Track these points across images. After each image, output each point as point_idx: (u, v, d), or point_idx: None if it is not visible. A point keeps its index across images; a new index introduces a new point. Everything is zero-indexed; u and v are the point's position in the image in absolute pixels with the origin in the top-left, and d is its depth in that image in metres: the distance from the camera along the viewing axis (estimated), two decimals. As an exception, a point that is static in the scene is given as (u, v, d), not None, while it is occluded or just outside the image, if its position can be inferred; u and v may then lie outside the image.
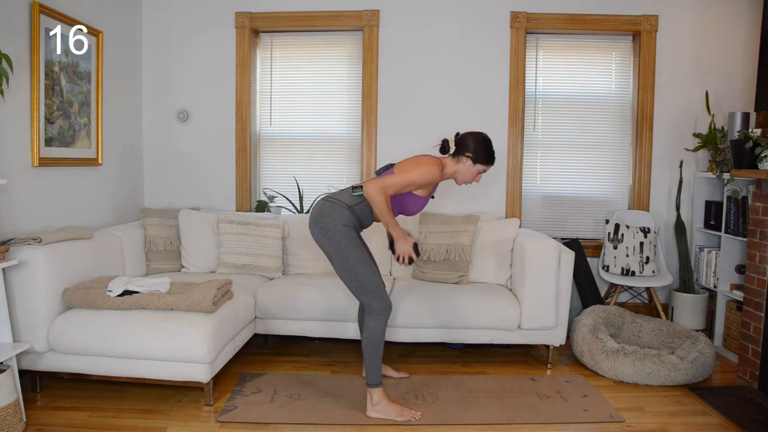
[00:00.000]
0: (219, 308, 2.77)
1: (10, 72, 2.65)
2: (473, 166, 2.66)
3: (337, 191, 2.70)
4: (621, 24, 4.04)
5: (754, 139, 3.19)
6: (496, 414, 2.64)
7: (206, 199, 4.23)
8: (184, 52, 4.18)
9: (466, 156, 2.65)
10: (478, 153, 2.64)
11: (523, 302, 3.16)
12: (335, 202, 2.61)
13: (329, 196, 2.66)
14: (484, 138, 2.68)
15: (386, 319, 2.59)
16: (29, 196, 3.01)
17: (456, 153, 2.69)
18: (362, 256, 2.58)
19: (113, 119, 3.81)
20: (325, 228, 2.56)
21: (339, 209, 2.58)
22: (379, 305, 2.56)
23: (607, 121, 4.19)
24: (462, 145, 2.66)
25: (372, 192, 2.52)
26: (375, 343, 2.56)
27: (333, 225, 2.55)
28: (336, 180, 4.26)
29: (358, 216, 2.62)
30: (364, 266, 2.56)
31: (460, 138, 2.69)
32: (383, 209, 2.54)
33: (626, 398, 2.86)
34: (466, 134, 2.68)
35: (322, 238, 2.58)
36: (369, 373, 2.59)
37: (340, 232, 2.54)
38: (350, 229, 2.58)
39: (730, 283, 3.64)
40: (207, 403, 2.70)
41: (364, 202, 2.62)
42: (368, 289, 2.56)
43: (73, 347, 2.65)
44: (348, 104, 4.23)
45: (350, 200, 2.61)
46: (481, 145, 2.65)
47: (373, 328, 2.56)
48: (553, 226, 4.22)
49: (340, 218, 2.56)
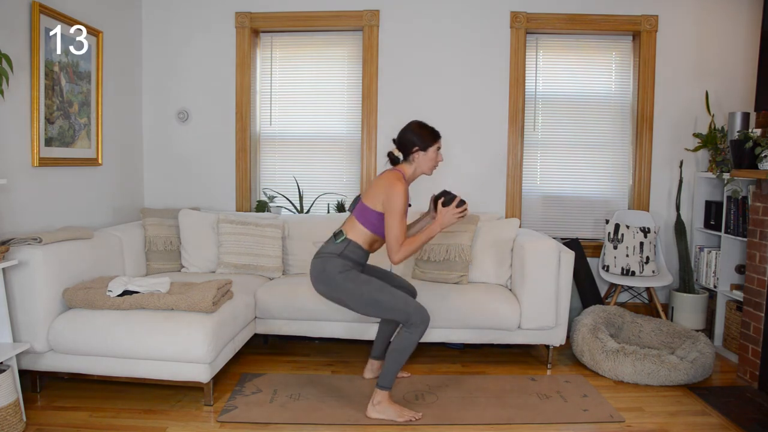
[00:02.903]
0: (219, 308, 2.77)
1: (10, 72, 2.65)
2: (426, 153, 2.67)
3: (322, 244, 2.72)
4: (621, 24, 4.04)
5: (754, 139, 3.19)
6: (496, 414, 2.64)
7: (206, 199, 4.23)
8: (184, 52, 4.18)
9: (415, 151, 2.66)
10: (422, 139, 2.66)
11: (523, 302, 3.16)
12: (325, 256, 2.64)
13: (318, 252, 2.69)
14: (418, 123, 2.71)
15: (423, 331, 2.55)
16: (29, 196, 3.01)
17: (405, 155, 2.71)
18: (375, 285, 2.58)
19: (113, 119, 3.81)
20: (327, 283, 2.60)
21: (331, 261, 2.60)
22: (416, 318, 2.53)
23: (607, 121, 4.19)
24: (405, 145, 2.68)
25: (398, 257, 2.54)
26: (403, 351, 2.55)
27: (331, 277, 2.58)
28: (336, 180, 4.26)
29: (351, 259, 2.64)
30: (380, 293, 2.56)
31: (399, 140, 2.71)
32: (415, 248, 2.56)
33: (626, 398, 2.86)
34: (401, 134, 2.71)
35: (330, 292, 2.62)
36: (384, 376, 2.58)
37: (341, 279, 2.57)
38: (349, 270, 2.60)
39: (730, 283, 3.64)
40: (207, 403, 2.70)
41: (350, 245, 2.63)
42: (397, 309, 2.54)
43: (73, 347, 2.65)
44: (348, 104, 4.23)
45: (337, 248, 2.63)
46: (418, 132, 2.66)
47: (406, 338, 2.54)
48: (553, 226, 4.22)
49: (335, 268, 2.58)
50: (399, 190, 2.54)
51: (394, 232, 2.54)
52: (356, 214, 2.67)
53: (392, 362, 2.56)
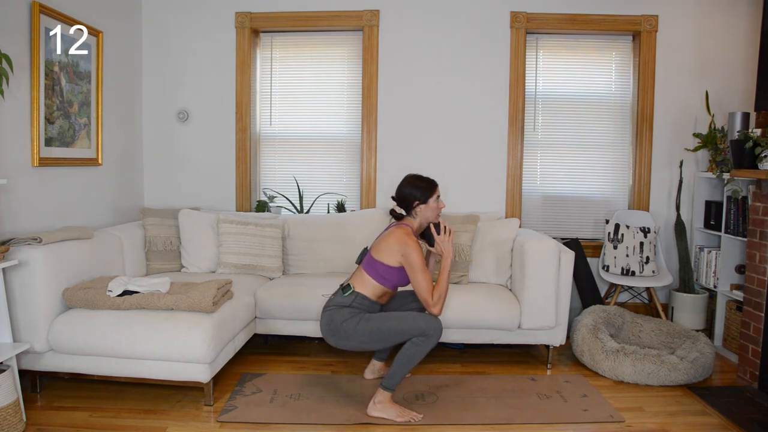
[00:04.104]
0: (219, 308, 2.77)
1: (10, 72, 2.64)
2: (428, 205, 2.73)
3: (330, 297, 2.76)
4: (621, 24, 4.04)
5: (754, 139, 3.19)
6: (496, 414, 2.64)
7: (206, 199, 4.23)
8: (184, 52, 4.18)
9: (416, 206, 2.72)
10: (420, 193, 2.72)
11: (523, 302, 3.16)
12: (332, 308, 2.66)
13: (325, 305, 2.71)
14: (413, 177, 2.78)
15: (437, 339, 2.56)
16: (29, 196, 3.01)
17: (407, 211, 2.77)
18: (379, 317, 2.60)
19: (113, 119, 3.81)
20: (337, 332, 2.62)
21: (338, 312, 2.63)
22: (430, 330, 2.53)
23: (607, 121, 4.19)
24: (406, 201, 2.75)
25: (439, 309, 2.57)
26: (413, 356, 2.55)
27: (341, 326, 2.60)
28: (336, 180, 4.26)
29: (360, 309, 2.65)
30: (386, 321, 2.58)
31: (398, 198, 2.78)
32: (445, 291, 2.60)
33: (626, 398, 2.86)
34: (399, 190, 2.78)
35: (344, 342, 2.64)
36: (390, 377, 2.59)
37: (349, 325, 2.59)
38: (356, 314, 2.61)
39: (730, 283, 3.64)
40: (207, 403, 2.70)
41: (358, 298, 2.66)
42: (409, 329, 2.54)
43: (73, 347, 2.65)
44: (348, 104, 4.23)
45: (345, 301, 2.66)
46: (415, 186, 2.73)
47: (418, 345, 2.54)
48: (553, 226, 4.22)
49: (342, 317, 2.61)
50: (413, 248, 2.59)
51: (422, 286, 2.58)
52: (365, 267, 2.71)
53: (400, 366, 2.56)
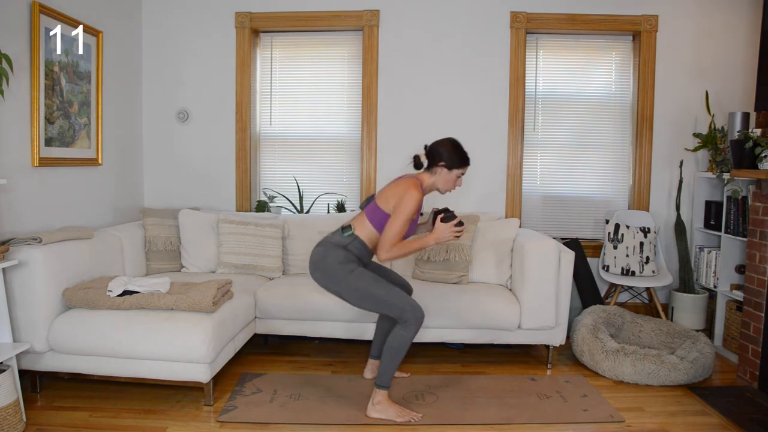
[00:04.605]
0: (219, 308, 2.77)
1: (10, 72, 2.65)
2: (450, 173, 2.68)
3: (328, 234, 2.73)
4: (621, 24, 4.04)
5: (754, 139, 3.19)
6: (496, 414, 2.64)
7: (206, 199, 4.23)
8: (184, 52, 4.18)
9: (440, 166, 2.67)
10: (451, 159, 2.66)
11: (523, 302, 3.16)
12: (328, 245, 2.64)
13: (322, 241, 2.69)
14: (453, 142, 2.70)
15: (417, 328, 2.55)
16: (29, 196, 3.01)
17: (429, 165, 2.71)
18: (372, 279, 2.58)
19: (113, 119, 3.81)
20: (325, 270, 2.59)
21: (333, 250, 2.61)
22: (410, 316, 2.53)
23: (607, 121, 4.19)
24: (433, 156, 2.68)
25: (386, 256, 2.55)
26: (398, 348, 2.54)
27: (331, 266, 2.58)
28: (336, 180, 4.26)
29: (354, 254, 2.64)
30: (376, 287, 2.56)
31: (429, 150, 2.71)
32: (405, 252, 2.56)
33: (626, 398, 2.86)
34: (435, 144, 2.70)
35: (326, 281, 2.62)
36: (382, 375, 2.58)
37: (339, 270, 2.57)
38: (349, 263, 2.59)
39: (730, 283, 3.64)
40: (207, 403, 2.70)
41: (356, 241, 2.64)
42: (391, 305, 2.54)
43: (73, 347, 2.65)
44: (348, 104, 4.23)
45: (342, 241, 2.64)
46: (452, 150, 2.67)
47: (401, 336, 2.54)
48: (553, 226, 4.22)
49: (336, 258, 2.58)
50: (413, 197, 2.55)
51: (391, 232, 2.54)
52: (367, 213, 2.68)
53: (388, 361, 2.56)
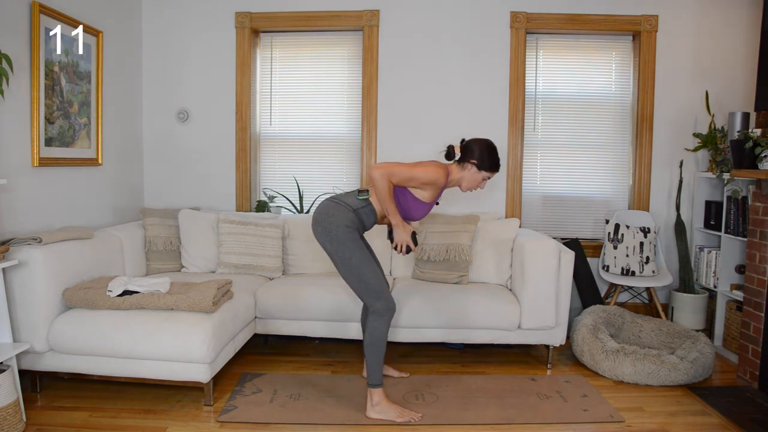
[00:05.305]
0: (219, 308, 2.77)
1: (10, 72, 2.65)
2: (478, 173, 2.66)
3: (342, 193, 2.70)
4: (621, 24, 4.04)
5: (754, 139, 3.19)
6: (496, 414, 2.64)
7: (206, 199, 4.23)
8: (184, 52, 4.18)
9: (471, 163, 2.64)
10: (483, 160, 2.64)
11: (523, 302, 3.16)
12: (340, 203, 2.61)
13: (334, 197, 2.66)
14: (490, 145, 2.67)
15: (389, 319, 2.57)
16: (29, 196, 3.01)
17: (461, 159, 2.68)
18: (365, 257, 2.57)
19: (113, 119, 3.81)
20: (328, 228, 2.56)
21: (343, 210, 2.58)
22: (383, 306, 2.55)
23: (607, 121, 4.19)
24: (467, 152, 2.65)
25: (377, 176, 2.51)
26: (377, 343, 2.55)
27: (336, 225, 2.54)
28: (336, 180, 4.25)
29: (361, 219, 2.62)
30: (366, 267, 2.55)
31: (465, 144, 2.68)
32: (385, 194, 2.53)
33: (626, 398, 2.86)
34: (472, 141, 2.67)
35: (324, 238, 2.58)
36: (370, 374, 2.59)
37: (342, 232, 2.54)
38: (353, 231, 2.57)
39: (730, 283, 3.64)
40: (207, 403, 2.70)
41: (368, 207, 2.62)
42: (372, 290, 2.55)
43: (73, 347, 2.65)
44: (348, 104, 4.23)
45: (355, 203, 2.61)
46: (487, 152, 2.64)
47: (375, 329, 2.55)
48: (553, 226, 4.22)
49: (344, 219, 2.55)
50: (433, 170, 2.56)
51: (396, 169, 2.53)
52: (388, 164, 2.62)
53: (371, 357, 2.57)
